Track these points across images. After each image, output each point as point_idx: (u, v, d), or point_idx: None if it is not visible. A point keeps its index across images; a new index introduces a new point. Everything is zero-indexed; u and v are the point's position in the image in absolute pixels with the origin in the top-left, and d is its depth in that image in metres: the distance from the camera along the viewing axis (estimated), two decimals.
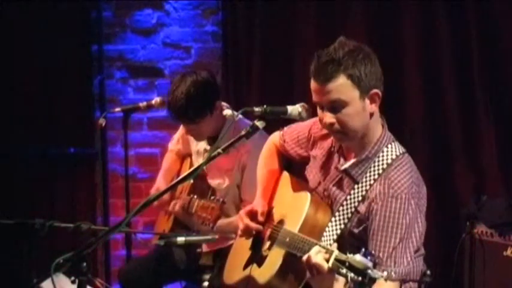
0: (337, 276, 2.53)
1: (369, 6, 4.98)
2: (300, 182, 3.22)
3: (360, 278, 2.42)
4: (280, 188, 3.32)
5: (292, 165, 3.36)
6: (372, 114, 2.89)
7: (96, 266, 5.39)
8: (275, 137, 3.40)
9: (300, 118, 2.95)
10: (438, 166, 4.84)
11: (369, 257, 2.45)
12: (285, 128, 3.33)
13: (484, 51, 4.79)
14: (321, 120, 2.90)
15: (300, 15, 5.16)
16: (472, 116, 4.84)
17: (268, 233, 3.17)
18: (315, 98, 2.87)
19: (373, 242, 2.83)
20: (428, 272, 3.04)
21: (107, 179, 5.47)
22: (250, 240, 3.27)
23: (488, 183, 4.78)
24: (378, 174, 2.88)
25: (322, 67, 2.81)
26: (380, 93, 2.88)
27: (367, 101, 2.86)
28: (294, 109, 2.93)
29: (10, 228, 3.07)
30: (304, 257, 2.71)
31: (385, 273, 2.45)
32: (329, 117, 2.85)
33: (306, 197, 3.04)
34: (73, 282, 2.59)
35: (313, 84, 2.85)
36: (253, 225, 3.17)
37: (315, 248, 2.69)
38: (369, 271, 2.41)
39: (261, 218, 3.17)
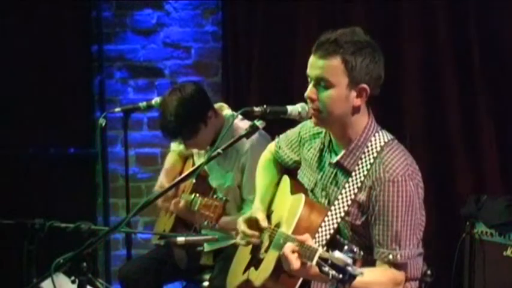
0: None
1: (369, 5, 4.98)
2: (299, 184, 3.22)
3: (340, 276, 2.44)
4: (279, 192, 3.33)
5: (290, 171, 3.36)
6: (355, 108, 2.89)
7: (96, 266, 5.39)
8: (271, 146, 3.42)
9: (299, 118, 2.96)
10: (438, 166, 4.84)
11: (350, 254, 2.47)
12: (280, 136, 3.35)
13: (484, 51, 4.79)
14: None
15: (300, 15, 5.17)
16: (472, 116, 4.84)
17: (266, 236, 3.18)
18: (307, 69, 2.89)
19: (376, 227, 2.85)
20: (429, 272, 3.05)
21: (107, 179, 5.47)
22: (251, 245, 3.28)
23: (488, 183, 4.78)
24: (371, 162, 2.89)
25: (324, 43, 2.84)
26: (369, 90, 2.87)
27: (354, 93, 2.86)
28: (294, 109, 2.93)
29: (10, 228, 3.07)
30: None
31: (363, 269, 2.48)
32: (312, 92, 2.87)
33: (300, 198, 3.05)
34: (73, 282, 2.59)
35: (310, 57, 2.88)
36: (249, 231, 3.18)
37: (288, 244, 2.74)
38: (348, 268, 2.43)
39: (261, 225, 3.17)
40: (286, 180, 3.30)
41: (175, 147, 4.49)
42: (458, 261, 4.10)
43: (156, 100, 4.46)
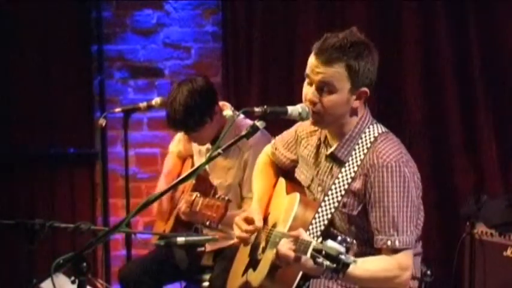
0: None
1: (369, 5, 4.98)
2: (294, 185, 3.23)
3: (334, 265, 2.44)
4: (275, 193, 3.34)
5: (288, 172, 3.36)
6: (353, 109, 2.92)
7: (96, 266, 5.39)
8: (268, 148, 3.42)
9: (300, 118, 2.95)
10: (438, 166, 4.84)
11: (344, 244, 2.48)
12: (276, 137, 3.36)
13: (484, 51, 4.79)
14: (305, 95, 2.92)
15: (299, 15, 5.17)
16: (472, 115, 4.84)
17: (263, 237, 3.18)
18: (308, 71, 2.90)
19: (373, 215, 2.85)
20: (429, 272, 3.05)
21: (107, 179, 5.46)
22: (249, 247, 3.28)
23: (488, 183, 4.78)
24: (364, 152, 2.91)
25: (327, 49, 2.84)
26: (369, 92, 2.91)
27: (354, 96, 2.89)
28: (294, 109, 2.93)
29: (10, 228, 3.07)
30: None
31: (355, 258, 2.50)
32: (314, 95, 2.88)
33: (295, 197, 3.06)
34: (73, 282, 2.59)
35: (311, 60, 2.89)
36: (248, 227, 3.18)
37: (282, 240, 2.74)
38: (342, 256, 2.45)
39: (257, 225, 3.17)
40: (282, 182, 3.32)
41: (174, 148, 4.48)
42: (458, 261, 4.10)
43: (156, 100, 4.45)
